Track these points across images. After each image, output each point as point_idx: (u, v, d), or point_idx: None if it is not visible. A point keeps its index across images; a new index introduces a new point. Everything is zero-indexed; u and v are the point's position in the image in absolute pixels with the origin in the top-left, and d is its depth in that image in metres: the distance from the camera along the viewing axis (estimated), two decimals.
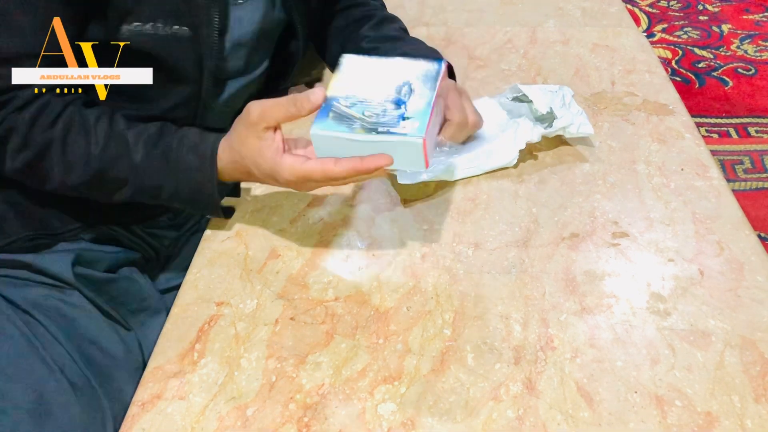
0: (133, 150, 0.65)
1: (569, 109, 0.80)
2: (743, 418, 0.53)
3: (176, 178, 0.66)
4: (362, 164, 0.58)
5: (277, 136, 0.61)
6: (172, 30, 0.67)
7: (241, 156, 0.63)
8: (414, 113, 0.59)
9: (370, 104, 0.60)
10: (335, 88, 0.61)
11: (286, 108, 0.59)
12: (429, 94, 0.61)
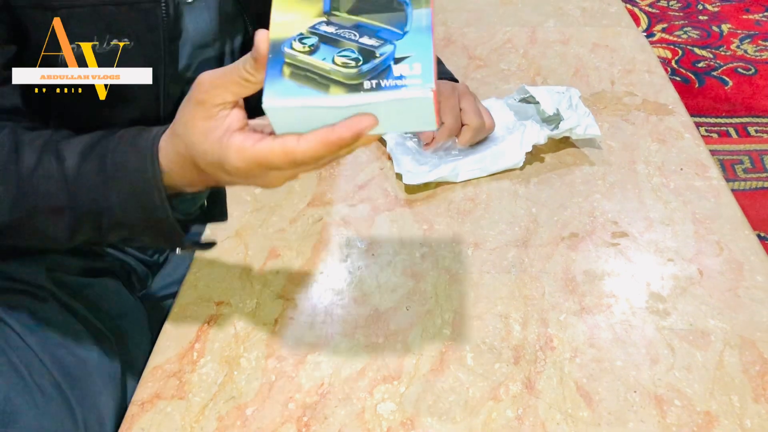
0: (66, 163, 0.51)
1: (576, 110, 0.80)
2: (742, 417, 0.54)
3: (116, 187, 0.50)
4: (335, 134, 0.41)
5: (232, 115, 0.45)
6: (111, 46, 0.61)
7: (185, 145, 0.47)
8: (408, 48, 0.41)
9: (341, 42, 0.42)
10: (280, 26, 0.43)
11: (238, 72, 0.43)
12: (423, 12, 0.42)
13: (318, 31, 0.43)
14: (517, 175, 0.79)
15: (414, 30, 0.42)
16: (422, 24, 0.42)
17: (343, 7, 0.43)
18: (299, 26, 0.43)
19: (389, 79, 0.40)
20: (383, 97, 0.40)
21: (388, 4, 0.43)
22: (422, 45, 0.41)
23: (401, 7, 0.42)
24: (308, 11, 0.43)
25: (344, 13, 0.43)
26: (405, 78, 0.40)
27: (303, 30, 0.43)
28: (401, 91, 0.40)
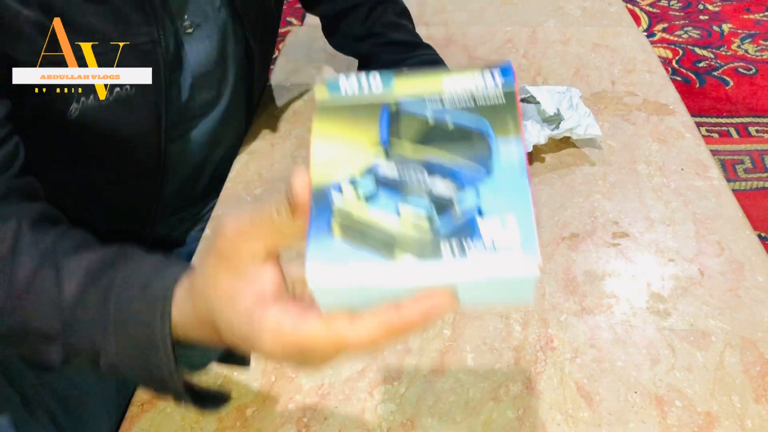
0: (66, 287, 0.44)
1: (576, 111, 0.80)
2: (743, 418, 0.53)
3: (116, 333, 0.41)
4: (400, 317, 0.31)
5: (264, 274, 0.34)
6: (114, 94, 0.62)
7: (206, 307, 0.37)
8: (498, 196, 0.30)
9: (404, 184, 0.31)
10: (325, 158, 0.32)
11: (270, 220, 0.33)
12: (512, 145, 0.31)
13: (375, 170, 0.32)
14: None
15: (503, 169, 0.30)
16: (513, 160, 0.31)
17: (405, 135, 0.32)
18: (350, 163, 0.32)
19: (476, 246, 0.29)
20: (471, 271, 0.28)
21: (464, 131, 0.32)
22: (516, 191, 0.30)
23: (483, 138, 0.31)
24: (360, 140, 0.32)
25: (407, 144, 0.32)
26: (497, 245, 0.28)
27: (355, 169, 0.32)
28: (494, 266, 0.28)
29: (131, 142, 0.68)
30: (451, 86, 0.32)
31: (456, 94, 0.32)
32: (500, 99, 0.32)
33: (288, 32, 1.14)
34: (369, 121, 0.33)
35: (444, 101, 0.32)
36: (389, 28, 0.88)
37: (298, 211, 0.32)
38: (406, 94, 0.33)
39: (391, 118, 0.33)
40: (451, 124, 0.32)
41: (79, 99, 0.60)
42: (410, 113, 0.32)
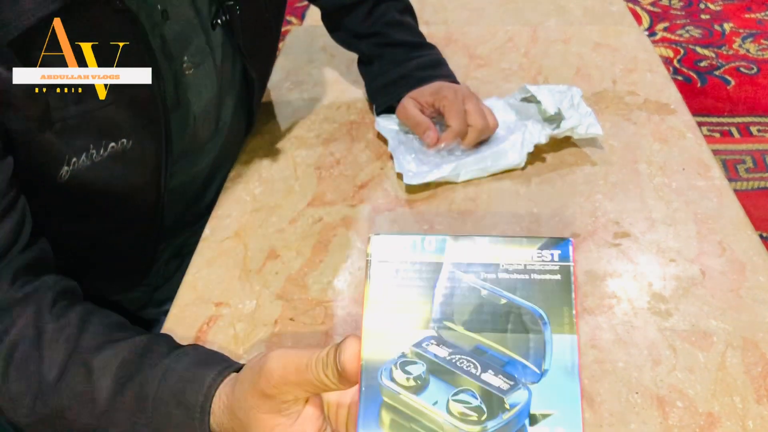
0: (99, 387, 0.46)
1: (578, 110, 0.80)
2: (745, 419, 0.53)
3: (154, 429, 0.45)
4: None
5: (306, 414, 0.37)
6: (109, 150, 0.59)
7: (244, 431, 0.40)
8: (548, 399, 0.31)
9: (457, 376, 0.32)
10: (376, 337, 0.33)
11: (313, 373, 0.35)
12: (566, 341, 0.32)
13: (426, 353, 0.32)
14: (518, 175, 0.79)
15: (555, 369, 0.31)
16: (566, 361, 0.31)
17: (458, 317, 0.32)
18: (401, 341, 0.32)
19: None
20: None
21: (518, 318, 0.32)
22: (567, 397, 0.30)
23: (537, 327, 0.32)
24: (412, 316, 0.33)
25: (460, 328, 0.33)
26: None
27: (406, 349, 0.32)
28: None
29: (130, 193, 0.66)
30: (510, 255, 0.33)
31: (513, 263, 0.32)
32: (556, 275, 0.32)
33: (288, 32, 1.14)
34: (422, 290, 0.33)
35: (499, 268, 0.33)
36: (392, 27, 0.87)
37: (345, 379, 0.33)
38: (461, 260, 0.33)
39: (443, 286, 0.33)
40: (505, 300, 0.32)
41: (70, 161, 0.57)
42: (464, 283, 0.33)
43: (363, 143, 0.85)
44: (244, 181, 0.80)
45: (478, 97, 0.80)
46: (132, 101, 0.60)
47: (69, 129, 0.57)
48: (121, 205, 0.66)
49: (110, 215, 0.67)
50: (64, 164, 0.57)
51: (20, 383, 0.47)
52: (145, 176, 0.65)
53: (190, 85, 0.69)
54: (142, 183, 0.66)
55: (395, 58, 0.85)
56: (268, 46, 0.81)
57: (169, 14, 0.64)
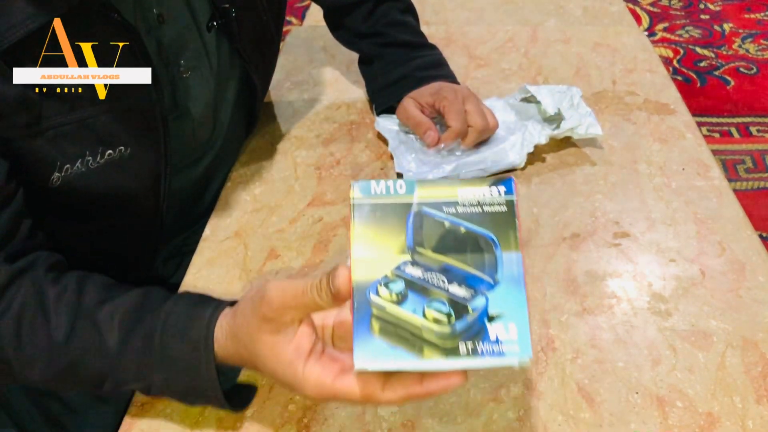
0: (107, 336, 0.50)
1: (577, 110, 0.80)
2: (744, 418, 0.53)
3: (165, 371, 0.50)
4: (424, 390, 0.40)
5: (301, 332, 0.43)
6: (106, 157, 0.59)
7: (250, 353, 0.46)
8: (501, 303, 0.39)
9: (430, 291, 0.39)
10: (363, 263, 0.40)
11: (310, 297, 0.41)
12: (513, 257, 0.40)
13: (404, 274, 0.40)
14: (518, 175, 0.79)
15: (506, 280, 0.39)
16: (513, 272, 0.39)
17: (429, 242, 0.40)
18: (383, 265, 0.40)
19: (485, 344, 0.38)
20: (480, 363, 0.38)
21: (475, 242, 0.40)
22: (516, 301, 0.39)
23: (490, 248, 0.39)
24: (391, 246, 0.40)
25: (429, 251, 0.40)
26: (501, 343, 0.38)
27: (387, 272, 0.40)
28: (499, 359, 0.38)
29: (129, 199, 0.66)
30: (465, 193, 0.40)
31: (468, 200, 0.40)
32: (502, 206, 0.40)
33: (288, 32, 1.14)
34: (397, 224, 0.40)
35: (457, 204, 0.40)
36: (393, 27, 0.87)
37: (339, 299, 0.40)
38: (427, 198, 0.40)
39: (414, 221, 0.40)
40: (464, 228, 0.40)
41: (62, 168, 0.57)
42: (430, 216, 0.40)
43: (363, 143, 0.85)
44: (244, 181, 0.80)
45: (478, 98, 0.80)
46: (130, 109, 0.60)
47: (63, 136, 0.57)
48: (120, 210, 0.66)
49: (109, 219, 0.67)
50: (55, 170, 0.57)
51: (32, 347, 0.50)
52: (144, 182, 0.65)
53: (187, 89, 0.69)
54: (141, 189, 0.65)
55: (396, 58, 0.85)
56: (269, 49, 0.81)
57: (164, 18, 0.64)
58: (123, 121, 0.60)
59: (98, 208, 0.64)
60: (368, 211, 0.41)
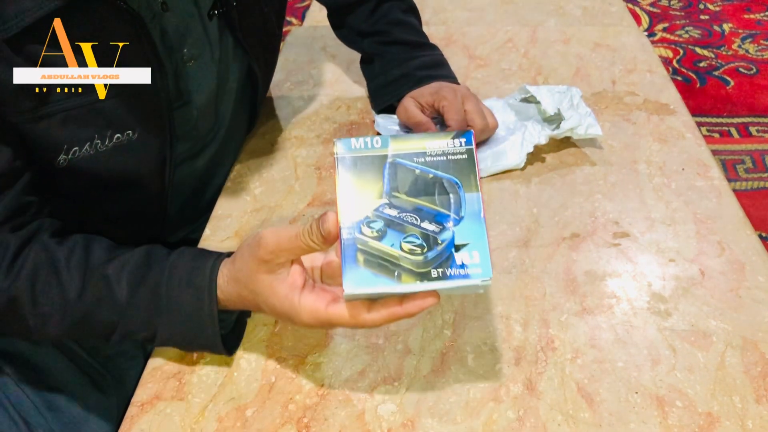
0: (117, 289, 0.55)
1: (577, 110, 0.80)
2: (744, 418, 0.53)
3: (170, 318, 0.55)
4: (403, 310, 0.46)
5: (293, 270, 0.50)
6: (114, 140, 0.61)
7: (250, 291, 0.52)
8: (465, 235, 0.45)
9: (405, 227, 0.46)
10: (348, 207, 0.46)
11: (302, 241, 0.47)
12: (474, 197, 0.46)
13: (383, 214, 0.46)
14: (518, 175, 0.79)
15: (468, 215, 0.46)
16: (475, 209, 0.46)
17: (403, 187, 0.47)
18: (364, 208, 0.46)
19: (453, 268, 0.45)
20: (449, 284, 0.45)
21: (442, 186, 0.47)
22: (477, 232, 0.45)
23: (454, 190, 0.46)
24: (371, 191, 0.46)
25: (403, 195, 0.47)
26: (467, 267, 0.45)
27: (369, 213, 0.46)
28: (465, 280, 0.44)
29: (136, 184, 0.67)
30: (431, 145, 0.47)
31: (434, 150, 0.47)
32: (463, 155, 0.47)
33: (288, 32, 1.14)
34: (375, 173, 0.47)
35: (426, 155, 0.47)
36: (395, 26, 0.87)
37: (328, 241, 0.46)
38: (399, 151, 0.47)
39: (390, 170, 0.47)
40: (431, 174, 0.47)
41: (70, 150, 0.59)
42: (403, 166, 0.47)
43: None
44: (244, 181, 0.80)
45: (477, 98, 0.80)
46: (135, 94, 0.61)
47: (73, 119, 0.58)
48: (126, 196, 0.68)
49: (115, 204, 0.68)
50: (62, 153, 0.59)
51: (48, 305, 0.55)
52: (150, 168, 0.67)
53: (190, 78, 0.69)
54: (147, 174, 0.67)
55: (396, 57, 0.85)
56: (270, 41, 0.81)
57: (168, 6, 0.64)
58: (130, 105, 0.61)
59: (104, 191, 0.66)
60: (350, 163, 0.47)
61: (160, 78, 0.62)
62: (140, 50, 0.60)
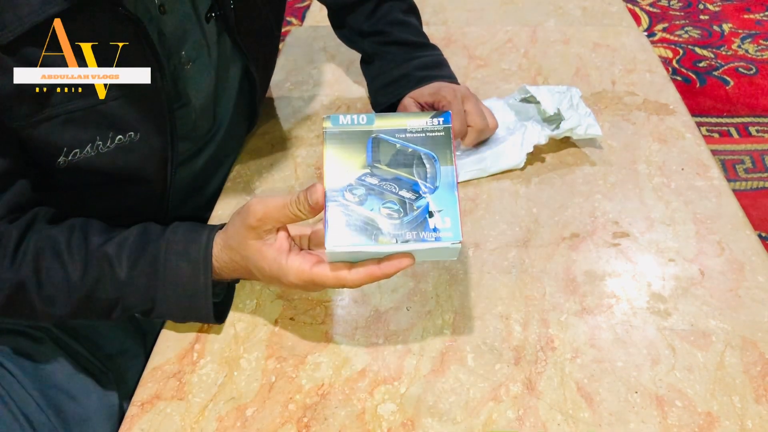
0: (117, 267, 0.57)
1: (577, 110, 0.80)
2: (744, 418, 0.53)
3: (167, 291, 0.58)
4: (381, 270, 0.50)
5: (280, 236, 0.54)
6: (116, 142, 0.62)
7: (241, 256, 0.56)
8: (439, 203, 0.50)
9: (384, 194, 0.50)
10: (333, 175, 0.50)
11: (290, 210, 0.51)
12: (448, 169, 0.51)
13: (364, 183, 0.50)
14: (517, 175, 0.79)
15: (443, 186, 0.50)
16: (449, 180, 0.50)
17: (384, 160, 0.51)
18: (348, 177, 0.50)
19: (426, 232, 0.49)
20: (423, 246, 0.49)
21: (420, 159, 0.51)
22: (450, 201, 0.50)
23: (431, 163, 0.51)
24: (354, 162, 0.51)
25: (384, 166, 0.51)
26: (439, 231, 0.49)
27: (352, 180, 0.50)
28: (437, 243, 0.49)
29: (138, 184, 0.68)
30: (412, 123, 0.51)
31: (414, 128, 0.51)
32: (441, 132, 0.51)
33: (288, 32, 1.14)
34: (359, 146, 0.51)
35: (406, 131, 0.51)
36: (395, 26, 0.87)
37: (315, 210, 0.50)
38: (383, 128, 0.51)
39: (373, 144, 0.51)
40: (411, 149, 0.51)
41: (70, 152, 0.60)
42: (385, 140, 0.51)
43: None
44: (244, 181, 0.80)
45: (477, 98, 0.80)
46: (137, 95, 0.62)
47: (73, 122, 0.59)
48: (127, 195, 0.68)
49: (116, 203, 0.69)
50: (61, 155, 0.60)
51: (52, 287, 0.57)
52: (152, 168, 0.67)
53: (188, 79, 0.69)
54: (148, 174, 0.68)
55: (396, 57, 0.85)
56: (268, 42, 0.81)
57: (165, 8, 0.64)
58: (131, 106, 0.62)
59: (104, 190, 0.67)
60: (337, 136, 0.51)
61: (160, 79, 0.63)
62: (140, 52, 0.61)
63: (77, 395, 0.69)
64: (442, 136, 0.51)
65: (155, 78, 0.62)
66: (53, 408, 0.67)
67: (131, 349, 0.77)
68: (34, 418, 0.65)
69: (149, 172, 0.68)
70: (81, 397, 0.69)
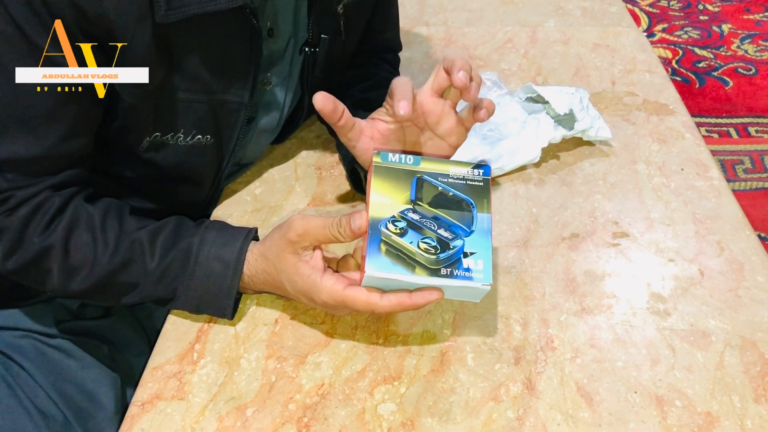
0: (147, 254, 0.59)
1: (588, 112, 0.80)
2: (743, 418, 0.53)
3: (193, 286, 0.60)
4: (411, 301, 0.52)
5: (316, 254, 0.56)
6: (195, 140, 0.65)
7: (276, 269, 0.58)
8: (473, 246, 0.53)
9: (423, 230, 0.53)
10: (378, 206, 0.53)
11: (330, 231, 0.53)
12: (484, 216, 0.54)
13: (406, 216, 0.53)
14: (517, 176, 0.79)
15: (478, 231, 0.54)
16: (484, 227, 0.54)
17: (426, 199, 0.55)
18: (392, 209, 0.54)
19: (460, 270, 0.52)
20: (454, 283, 0.51)
21: (458, 203, 0.55)
22: (484, 245, 0.53)
23: (469, 208, 0.55)
24: (399, 197, 0.54)
25: (426, 205, 0.55)
26: (471, 272, 0.52)
27: (395, 213, 0.53)
28: (468, 282, 0.51)
29: (188, 182, 0.70)
30: (454, 170, 0.56)
31: (456, 174, 0.56)
32: (480, 183, 0.56)
33: None
34: (404, 183, 0.55)
35: (449, 176, 0.56)
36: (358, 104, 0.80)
37: (356, 234, 0.52)
38: (427, 170, 0.56)
39: (417, 183, 0.55)
40: (451, 193, 0.55)
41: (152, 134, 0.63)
42: (428, 182, 0.56)
43: None
44: (244, 181, 0.80)
45: None
46: (225, 102, 0.65)
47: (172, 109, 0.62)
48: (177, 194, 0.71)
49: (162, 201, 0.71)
50: (146, 136, 0.63)
51: (78, 258, 0.58)
52: (209, 173, 0.70)
53: (261, 102, 0.72)
54: (203, 179, 0.71)
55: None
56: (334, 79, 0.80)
57: (273, 33, 0.68)
58: (217, 112, 0.65)
59: (158, 186, 0.69)
60: (384, 171, 0.55)
61: (250, 96, 0.66)
62: (248, 67, 0.64)
63: (89, 389, 0.70)
64: (480, 186, 0.56)
65: (244, 90, 0.65)
66: (65, 402, 0.68)
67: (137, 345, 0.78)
68: (46, 411, 0.66)
69: (204, 176, 0.70)
70: (93, 391, 0.71)
